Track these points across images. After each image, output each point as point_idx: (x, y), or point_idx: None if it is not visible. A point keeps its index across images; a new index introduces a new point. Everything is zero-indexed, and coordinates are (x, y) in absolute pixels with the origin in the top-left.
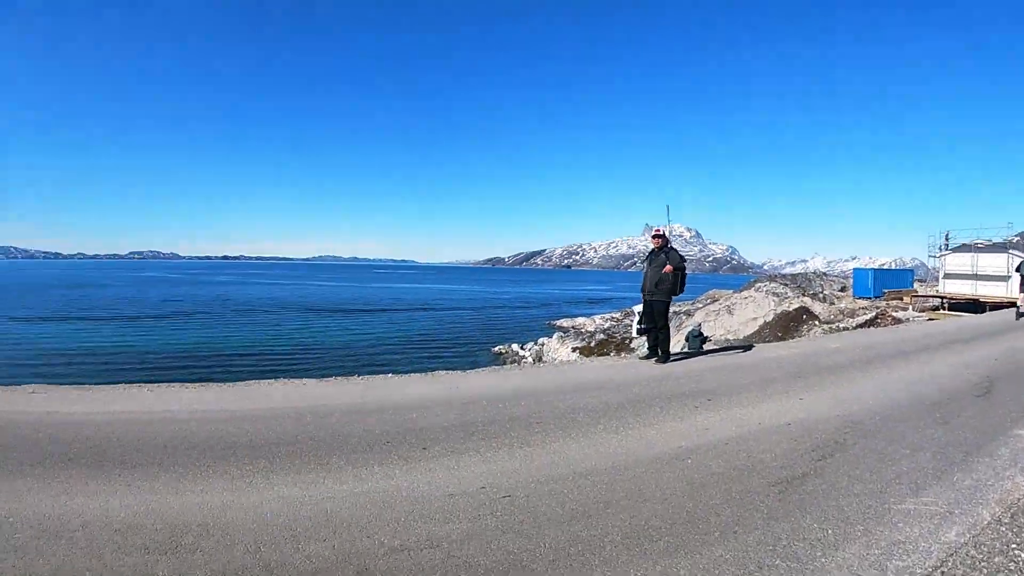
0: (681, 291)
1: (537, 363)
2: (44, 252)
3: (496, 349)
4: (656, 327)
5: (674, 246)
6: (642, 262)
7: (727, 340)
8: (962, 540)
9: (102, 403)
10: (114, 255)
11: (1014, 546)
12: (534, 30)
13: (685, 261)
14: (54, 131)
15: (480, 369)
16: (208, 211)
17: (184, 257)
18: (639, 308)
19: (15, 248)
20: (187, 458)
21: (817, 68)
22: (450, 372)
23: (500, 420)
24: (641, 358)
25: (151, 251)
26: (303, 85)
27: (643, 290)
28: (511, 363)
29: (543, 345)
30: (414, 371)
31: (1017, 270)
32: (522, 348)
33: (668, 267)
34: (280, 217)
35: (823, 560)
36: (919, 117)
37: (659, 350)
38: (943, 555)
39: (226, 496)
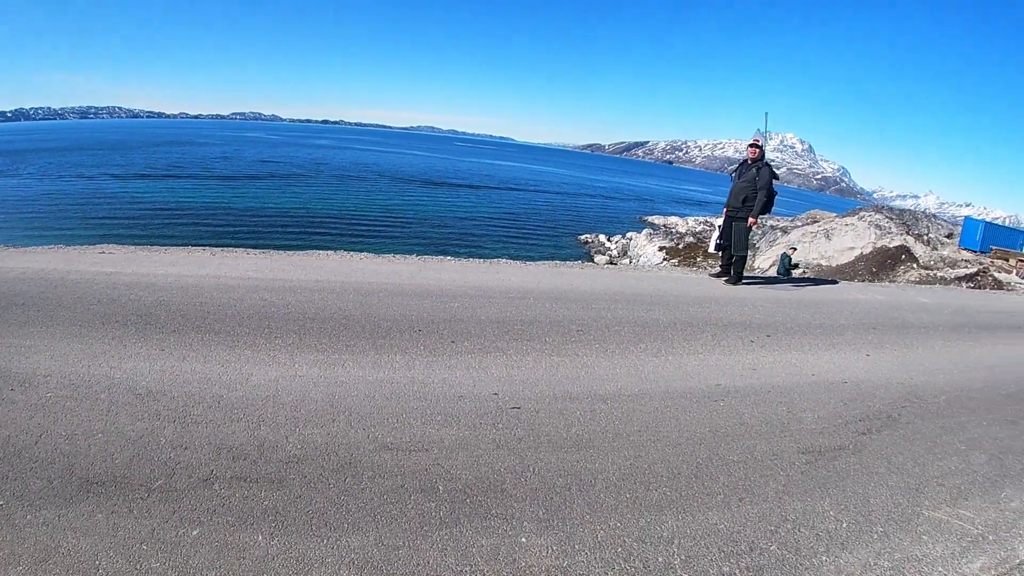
0: (768, 211)
1: (617, 260)
2: (148, 112)
3: (583, 238)
4: (733, 245)
5: (770, 161)
6: (732, 172)
7: (819, 266)
8: None
9: (164, 265)
10: (216, 115)
11: None
12: None
13: (778, 179)
14: None
15: (540, 262)
16: (311, 75)
17: (285, 120)
18: (720, 221)
19: (119, 108)
20: (223, 326)
21: None
22: (509, 262)
23: (540, 321)
24: (712, 275)
25: (253, 112)
26: None
27: (727, 203)
28: (596, 253)
29: (630, 240)
30: (495, 252)
31: None
32: (609, 240)
33: (752, 220)
34: (381, 85)
35: (824, 559)
36: None
37: (732, 270)
38: None
39: (247, 368)
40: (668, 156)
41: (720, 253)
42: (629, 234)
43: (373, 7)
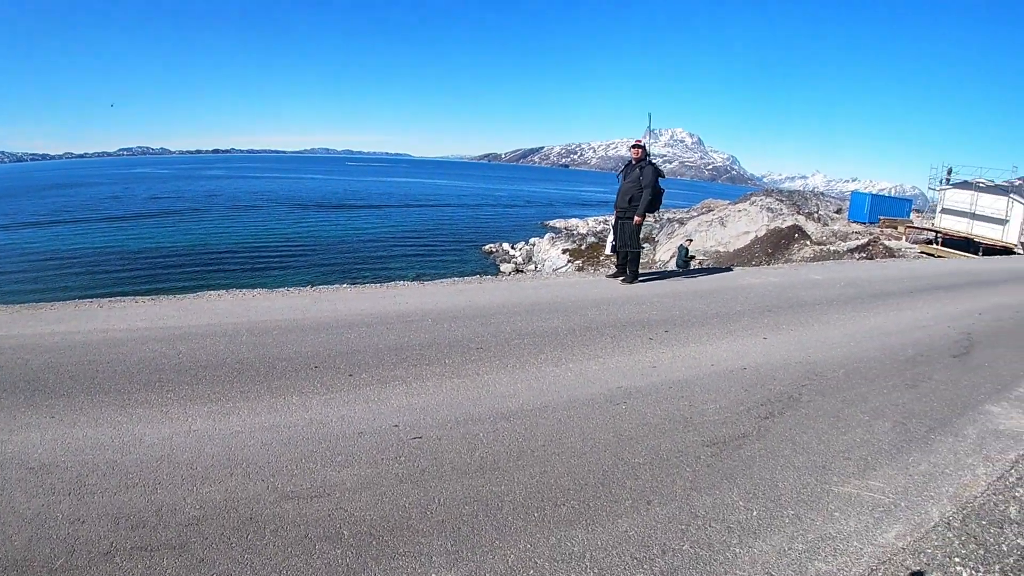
0: (655, 208)
1: (523, 266)
2: (32, 155)
3: (487, 248)
4: (626, 245)
5: (660, 156)
6: (618, 174)
7: (717, 253)
8: (900, 544)
9: (51, 323)
10: (103, 153)
11: (957, 560)
12: None
13: (663, 176)
14: (27, 27)
15: (438, 280)
16: (198, 104)
17: (174, 152)
18: (613, 224)
19: (2, 153)
20: (114, 384)
21: None
22: (407, 283)
23: (439, 343)
24: (608, 276)
25: (140, 147)
26: None
27: (616, 205)
28: (501, 262)
29: (534, 245)
30: (400, 272)
31: None
32: (513, 247)
33: (638, 218)
34: (271, 109)
35: (737, 550)
36: (940, 40)
37: (627, 269)
38: (874, 561)
39: (139, 428)
40: (564, 160)
41: (615, 254)
42: (532, 240)
43: (257, 30)
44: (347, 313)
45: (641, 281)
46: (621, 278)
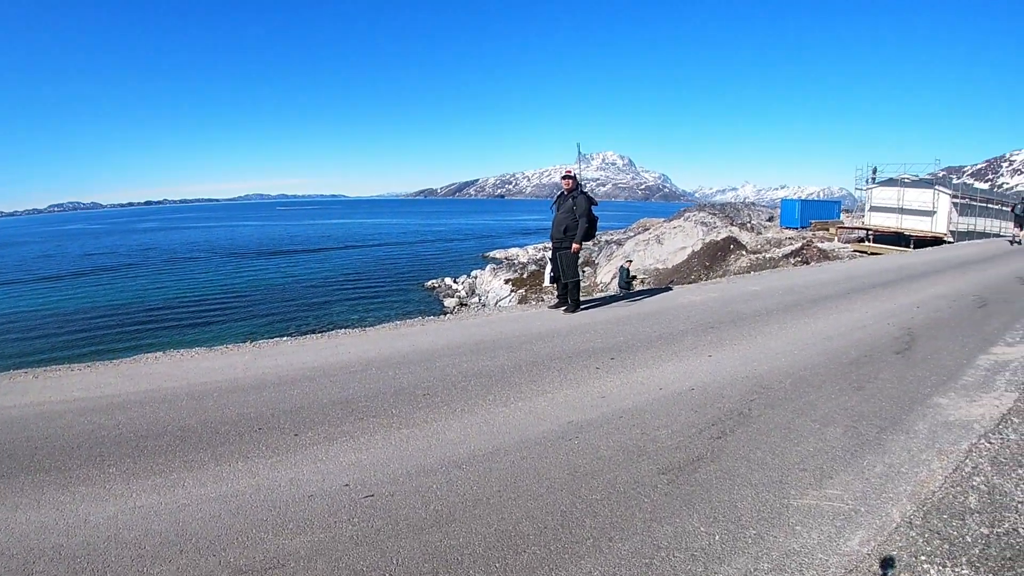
0: (591, 236)
1: (467, 299)
2: None
3: (429, 284)
4: (565, 275)
5: (594, 180)
6: (551, 205)
7: (656, 270)
8: (865, 550)
9: None
10: (33, 210)
11: (923, 558)
12: None
13: (596, 204)
14: None
15: (379, 326)
16: (128, 156)
17: (106, 206)
18: (551, 256)
19: None
20: (54, 462)
21: None
22: (348, 332)
23: (384, 393)
24: (551, 307)
25: (72, 202)
26: (221, 9)
27: (552, 236)
28: (444, 297)
29: (476, 278)
30: (343, 316)
31: (1012, 210)
32: (455, 281)
33: (575, 245)
34: (203, 158)
35: None
36: (855, 43)
37: (568, 299)
38: (840, 571)
39: (83, 508)
40: (499, 190)
41: (555, 284)
42: (474, 272)
43: (185, 78)
44: (289, 368)
45: (583, 309)
46: (563, 308)
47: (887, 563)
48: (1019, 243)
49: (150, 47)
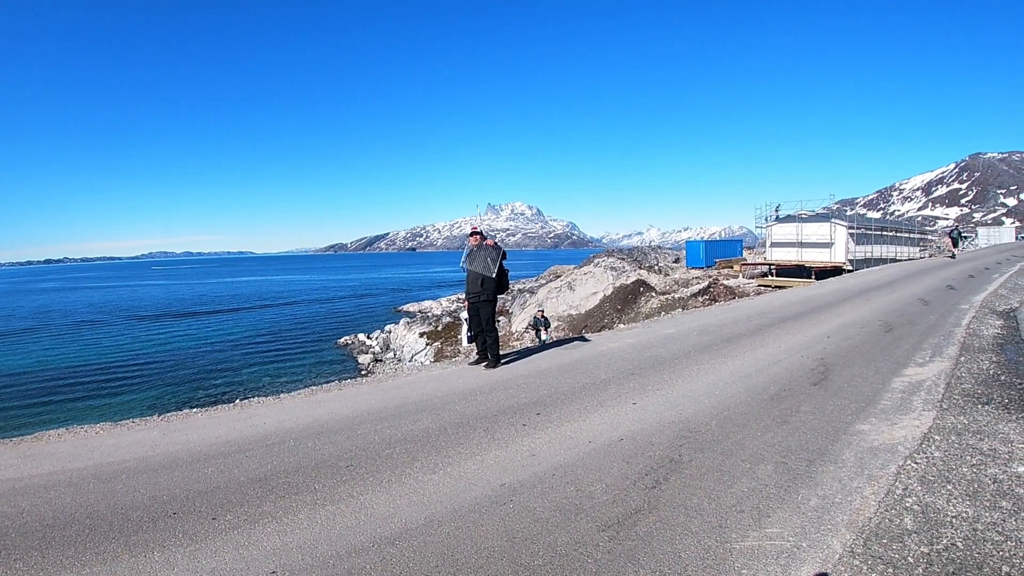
0: (504, 289)
1: (382, 355)
2: None
3: (342, 341)
4: (484, 330)
5: (491, 242)
6: (462, 261)
7: (570, 316)
8: None
9: None
10: None
11: None
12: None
13: (505, 257)
14: None
15: (295, 392)
16: (26, 212)
17: (3, 264)
18: (466, 314)
19: None
20: None
21: (645, 42)
22: (261, 400)
23: (305, 467)
24: (471, 364)
25: None
26: (116, 61)
27: (467, 292)
28: (359, 354)
29: (390, 332)
30: (256, 380)
31: (949, 235)
32: (369, 337)
33: (494, 302)
34: (106, 215)
35: None
36: (745, 90)
37: (488, 354)
38: None
39: None
40: (410, 243)
41: (474, 343)
42: (388, 327)
43: (86, 131)
44: (201, 444)
45: (505, 363)
46: (484, 363)
47: None
48: (953, 257)
49: (41, 103)
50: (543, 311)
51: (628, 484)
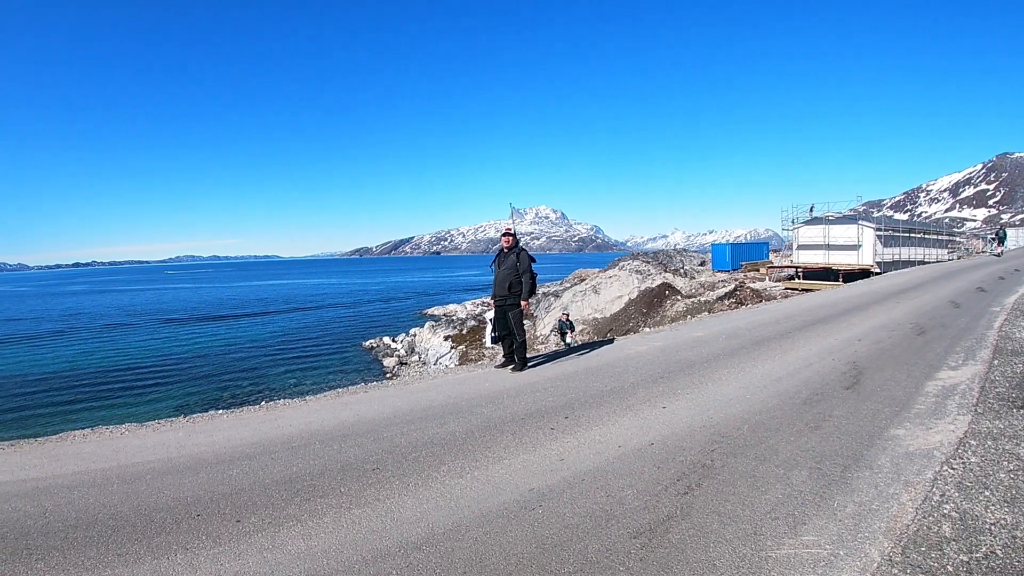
0: (534, 292)
1: (407, 358)
2: None
3: (367, 344)
4: (511, 333)
5: (529, 234)
6: (491, 263)
7: (595, 320)
8: None
9: None
10: None
11: None
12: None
13: (535, 261)
14: None
15: (321, 395)
16: (55, 215)
17: (32, 268)
18: (491, 315)
19: None
20: None
21: (671, 46)
22: (288, 402)
23: (331, 470)
24: (497, 367)
25: None
26: (146, 72)
27: (493, 295)
28: (384, 356)
29: (415, 336)
30: (282, 383)
31: (995, 234)
32: (394, 340)
33: (524, 303)
34: (134, 219)
35: None
36: (772, 92)
37: (515, 357)
38: None
39: None
40: (435, 247)
41: (499, 344)
42: (413, 330)
43: (118, 134)
44: (226, 446)
45: (531, 367)
46: (511, 367)
47: None
48: (999, 256)
49: (72, 107)
50: (568, 314)
51: (660, 490)
